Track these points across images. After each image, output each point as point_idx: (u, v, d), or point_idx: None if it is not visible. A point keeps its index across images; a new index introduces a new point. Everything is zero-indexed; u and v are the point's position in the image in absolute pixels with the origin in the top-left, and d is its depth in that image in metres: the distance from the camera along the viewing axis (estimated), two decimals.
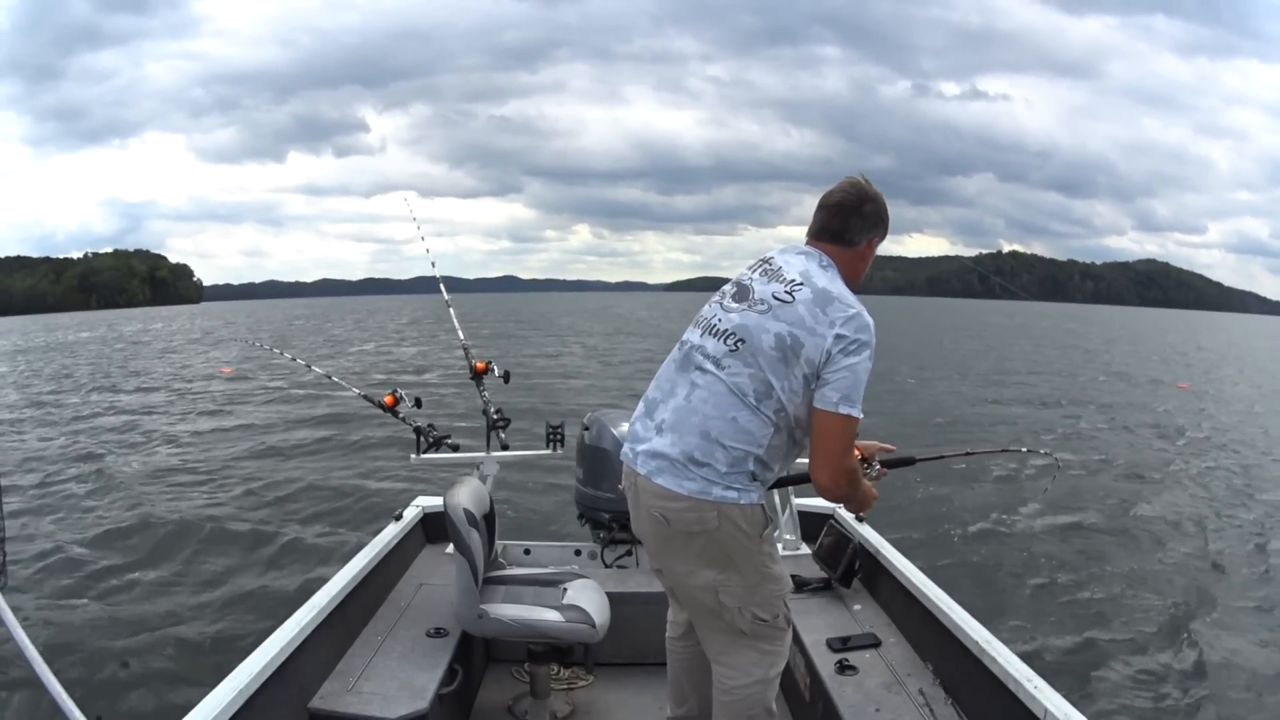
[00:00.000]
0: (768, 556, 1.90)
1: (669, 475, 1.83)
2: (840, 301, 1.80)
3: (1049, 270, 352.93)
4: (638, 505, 1.93)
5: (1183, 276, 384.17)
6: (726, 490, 1.80)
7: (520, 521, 6.16)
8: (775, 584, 1.92)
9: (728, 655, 1.94)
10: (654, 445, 1.87)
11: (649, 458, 1.87)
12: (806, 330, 1.78)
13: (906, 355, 22.75)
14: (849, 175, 1.96)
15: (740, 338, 1.84)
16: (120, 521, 7.09)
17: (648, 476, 1.86)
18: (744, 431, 1.80)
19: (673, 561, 1.94)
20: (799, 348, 1.78)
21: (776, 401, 1.79)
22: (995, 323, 56.37)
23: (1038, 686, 1.88)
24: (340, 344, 31.10)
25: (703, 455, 1.81)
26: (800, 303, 1.81)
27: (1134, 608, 5.07)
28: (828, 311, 1.79)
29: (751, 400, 1.80)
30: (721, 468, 1.80)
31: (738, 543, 1.84)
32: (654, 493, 1.85)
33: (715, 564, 1.86)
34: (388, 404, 3.32)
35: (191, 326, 48.41)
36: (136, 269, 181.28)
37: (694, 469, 1.81)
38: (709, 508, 1.81)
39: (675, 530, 1.86)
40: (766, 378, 1.79)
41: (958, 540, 6.35)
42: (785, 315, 1.81)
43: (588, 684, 2.86)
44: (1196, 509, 7.46)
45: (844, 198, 1.92)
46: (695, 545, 1.85)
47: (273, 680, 2.01)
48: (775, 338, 1.80)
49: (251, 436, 11.58)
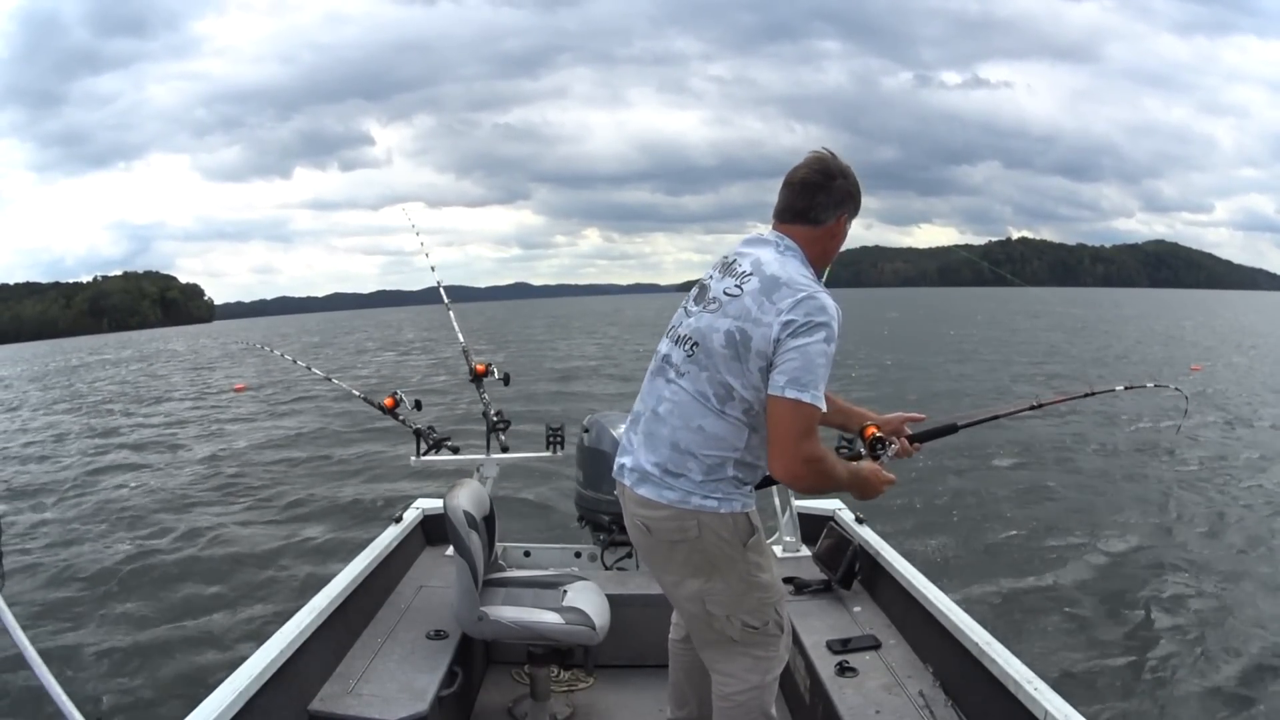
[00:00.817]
0: (754, 565, 1.86)
1: (649, 486, 1.82)
2: (789, 286, 1.72)
3: (1059, 255, 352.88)
4: (626, 515, 1.93)
5: (1192, 256, 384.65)
6: (705, 499, 1.78)
7: (520, 523, 6.15)
8: (763, 591, 1.88)
9: (722, 663, 1.93)
10: (635, 458, 1.87)
11: (631, 470, 1.87)
12: (752, 321, 1.71)
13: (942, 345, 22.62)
14: (814, 150, 1.86)
15: (695, 341, 1.80)
16: (120, 525, 7.10)
17: (631, 487, 1.87)
18: (714, 438, 1.77)
19: (659, 571, 1.94)
20: (748, 340, 1.71)
21: (741, 401, 1.75)
22: (1015, 309, 55.79)
23: (1038, 688, 1.88)
24: (359, 354, 30.95)
25: (676, 466, 1.79)
26: (747, 294, 1.74)
27: (1136, 606, 5.05)
28: (774, 299, 1.71)
29: (715, 405, 1.76)
30: (697, 477, 1.78)
31: (721, 551, 1.81)
32: (637, 502, 1.85)
33: (700, 573, 1.84)
34: (388, 406, 3.33)
35: (212, 344, 48.20)
36: (147, 291, 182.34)
37: (671, 479, 1.79)
38: (689, 517, 1.78)
39: (657, 540, 1.85)
40: (724, 379, 1.74)
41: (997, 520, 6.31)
42: (732, 310, 1.75)
43: (588, 686, 2.85)
44: (1216, 501, 7.41)
45: (808, 174, 1.82)
46: (679, 554, 1.84)
47: (273, 682, 2.01)
48: (725, 335, 1.74)
49: (252, 439, 11.60)
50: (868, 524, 3.12)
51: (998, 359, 20.52)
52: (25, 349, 72.99)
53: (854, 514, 3.21)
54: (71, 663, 4.29)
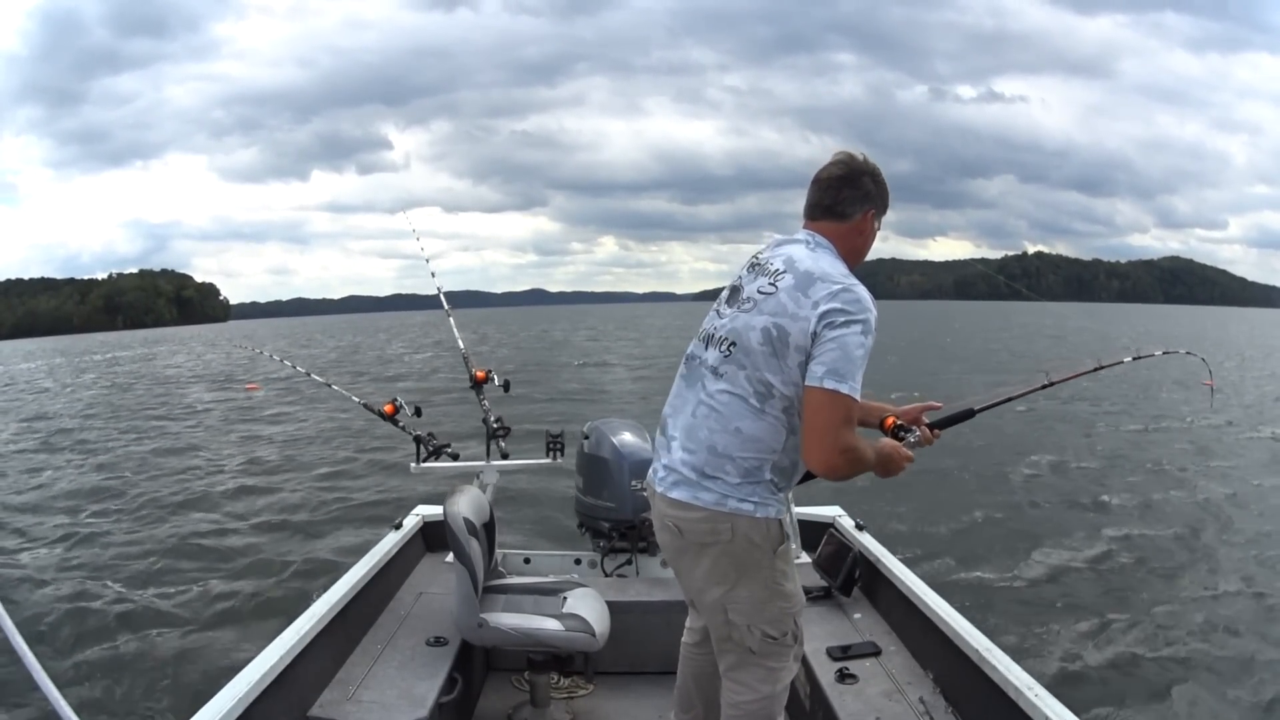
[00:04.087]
0: (781, 573, 1.85)
1: (684, 488, 1.82)
2: (823, 280, 1.73)
3: (1074, 270, 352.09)
4: (655, 517, 1.93)
5: (1206, 273, 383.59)
6: (742, 503, 1.77)
7: (520, 530, 6.15)
8: (786, 601, 1.88)
9: (737, 671, 1.93)
10: (669, 461, 1.87)
11: (666, 472, 1.87)
12: (789, 317, 1.72)
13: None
14: (842, 149, 1.90)
15: (732, 341, 1.80)
16: (120, 528, 7.09)
17: (663, 492, 1.86)
18: (752, 440, 1.77)
19: (686, 574, 1.93)
20: (786, 336, 1.72)
21: (781, 399, 1.74)
22: (1029, 323, 55.55)
23: (1039, 694, 1.88)
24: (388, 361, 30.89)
25: (712, 469, 1.79)
26: (782, 290, 1.76)
27: (1140, 611, 5.04)
28: (810, 293, 1.72)
29: (755, 403, 1.76)
30: (734, 479, 1.77)
31: (750, 556, 1.81)
32: (669, 503, 1.85)
33: (725, 580, 1.84)
34: (388, 412, 3.32)
35: (203, 347, 48.16)
36: (162, 289, 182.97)
37: (707, 482, 1.79)
38: (723, 519, 1.78)
39: (688, 542, 1.85)
40: (763, 376, 1.75)
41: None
42: (768, 307, 1.76)
43: (587, 693, 2.85)
44: (1227, 511, 7.40)
45: (835, 170, 1.86)
46: (707, 558, 1.84)
47: (272, 689, 2.00)
48: (762, 332, 1.75)
49: (252, 444, 11.59)
50: (867, 531, 3.12)
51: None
52: (44, 343, 72.61)
53: (854, 521, 3.21)
54: (70, 669, 4.27)
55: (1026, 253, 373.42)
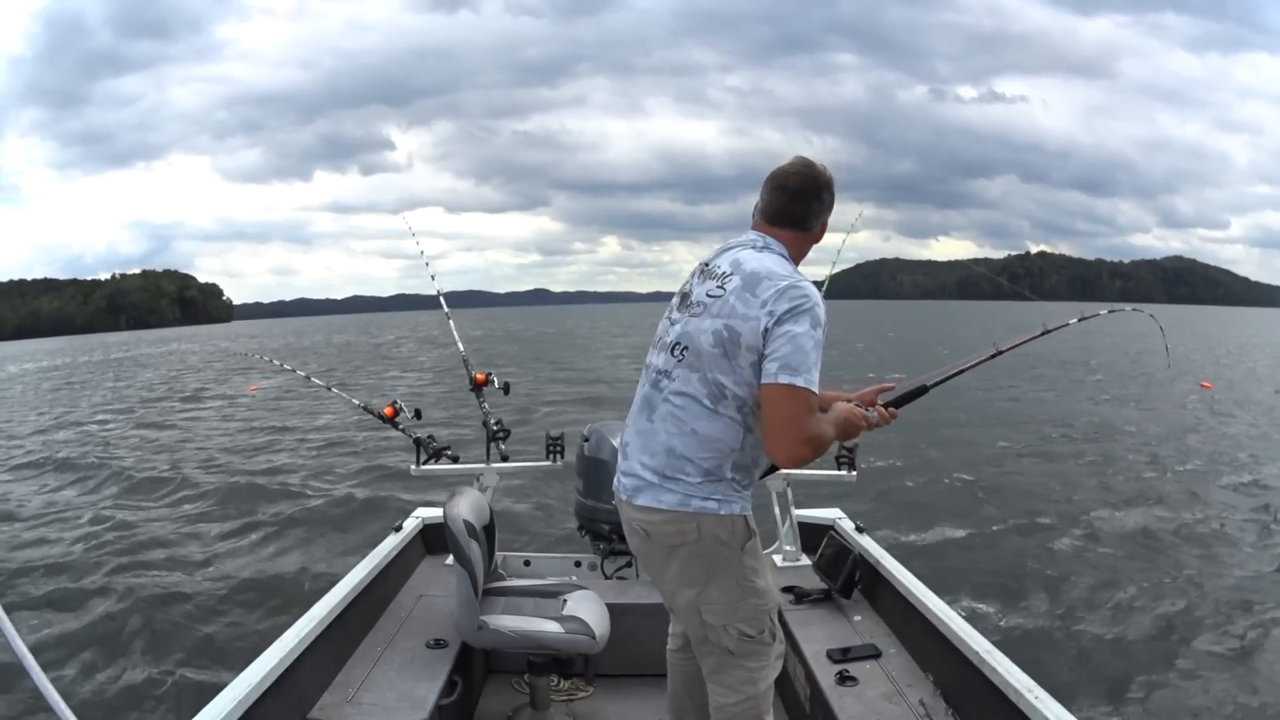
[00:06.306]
0: (751, 570, 1.87)
1: (647, 493, 1.84)
2: (769, 279, 1.77)
3: (1078, 270, 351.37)
4: (624, 522, 1.95)
5: (1209, 273, 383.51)
6: (705, 501, 1.79)
7: (520, 532, 6.15)
8: (759, 598, 1.89)
9: (718, 674, 1.94)
10: (629, 467, 1.90)
11: (627, 478, 1.90)
12: (740, 318, 1.75)
13: None
14: (798, 155, 1.93)
15: (684, 345, 1.83)
16: (120, 531, 7.08)
17: (628, 499, 1.88)
18: (710, 440, 1.79)
19: (657, 577, 1.95)
20: (737, 337, 1.75)
21: (734, 399, 1.77)
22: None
23: (1039, 697, 1.88)
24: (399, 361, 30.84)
25: (672, 471, 1.81)
26: (730, 293, 1.79)
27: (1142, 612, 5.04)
28: (757, 292, 1.75)
29: (709, 404, 1.78)
30: (695, 479, 1.79)
31: (719, 555, 1.82)
32: (634, 508, 1.87)
33: (696, 581, 1.85)
34: (387, 415, 3.33)
35: (198, 348, 48.12)
36: (165, 289, 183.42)
37: (669, 484, 1.81)
38: (688, 519, 1.80)
39: (656, 545, 1.86)
40: (716, 378, 1.77)
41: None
42: (718, 310, 1.79)
43: (588, 695, 2.85)
44: (1229, 515, 7.39)
45: (803, 183, 1.89)
46: (676, 560, 1.85)
47: (271, 691, 2.00)
48: (713, 335, 1.78)
49: (251, 447, 11.59)
50: (868, 533, 3.12)
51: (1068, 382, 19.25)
52: (46, 344, 72.43)
53: (854, 523, 3.21)
54: (69, 671, 4.27)
55: (1029, 252, 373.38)
